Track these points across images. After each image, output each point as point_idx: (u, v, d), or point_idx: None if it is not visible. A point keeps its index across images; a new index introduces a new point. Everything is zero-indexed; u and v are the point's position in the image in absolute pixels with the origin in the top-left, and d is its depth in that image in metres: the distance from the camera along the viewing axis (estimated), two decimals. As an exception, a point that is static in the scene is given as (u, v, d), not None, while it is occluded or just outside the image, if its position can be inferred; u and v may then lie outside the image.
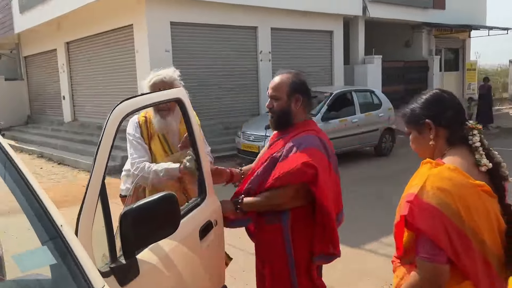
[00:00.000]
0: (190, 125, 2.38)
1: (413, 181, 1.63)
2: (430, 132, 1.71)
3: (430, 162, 1.65)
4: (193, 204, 2.27)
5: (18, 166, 1.40)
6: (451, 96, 1.75)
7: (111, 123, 1.79)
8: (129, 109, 1.92)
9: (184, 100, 2.36)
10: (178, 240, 2.01)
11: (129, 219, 1.63)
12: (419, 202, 1.53)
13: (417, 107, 1.75)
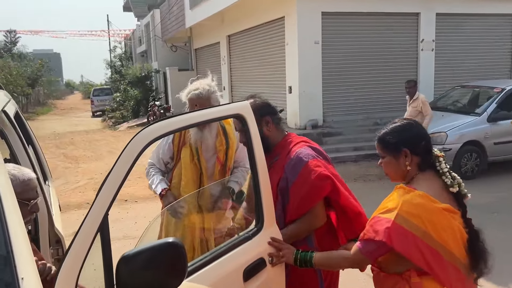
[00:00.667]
0: (251, 143, 2.05)
1: (387, 203, 1.87)
2: (406, 159, 1.92)
3: (403, 188, 1.88)
4: (241, 239, 1.96)
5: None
6: (421, 126, 2.03)
7: (130, 151, 1.54)
8: (159, 133, 1.66)
9: (246, 116, 2.05)
10: (209, 283, 1.73)
11: (127, 266, 1.40)
12: (395, 227, 1.78)
13: (395, 136, 1.95)
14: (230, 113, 2.03)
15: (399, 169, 1.95)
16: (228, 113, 2.02)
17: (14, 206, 1.33)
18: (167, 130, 1.71)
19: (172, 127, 1.73)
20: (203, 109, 1.91)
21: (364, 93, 11.33)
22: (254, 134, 2.07)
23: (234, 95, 15.27)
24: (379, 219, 1.83)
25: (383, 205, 1.87)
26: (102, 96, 28.20)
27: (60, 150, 13.71)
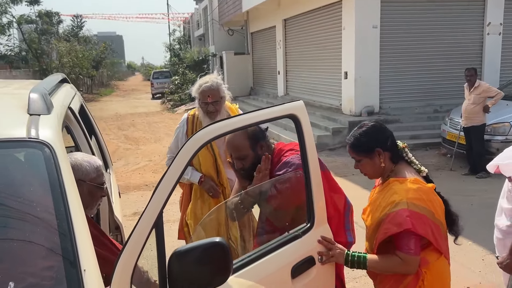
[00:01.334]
0: (303, 143, 2.08)
1: (392, 197, 2.08)
2: (380, 157, 2.16)
3: (397, 180, 2.13)
4: (291, 237, 2.00)
5: (67, 199, 1.41)
6: (384, 125, 2.27)
7: (185, 152, 1.62)
8: (214, 134, 1.72)
9: (299, 116, 2.07)
10: (256, 280, 1.80)
11: (178, 260, 1.49)
12: (412, 214, 2.00)
13: (366, 139, 2.17)
14: (284, 114, 2.04)
15: (376, 167, 2.19)
16: (281, 114, 2.03)
17: (78, 203, 1.46)
18: (222, 132, 1.76)
19: (226, 129, 1.78)
20: (256, 111, 1.95)
21: (424, 79, 10.92)
22: (307, 134, 2.09)
23: (289, 79, 15.23)
24: (395, 213, 2.02)
25: (389, 201, 2.07)
26: (161, 79, 28.99)
27: (121, 132, 14.35)
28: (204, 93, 3.05)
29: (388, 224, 2.03)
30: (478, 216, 5.58)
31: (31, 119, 1.65)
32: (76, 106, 2.56)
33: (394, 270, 2.09)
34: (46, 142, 1.53)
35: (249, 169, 2.30)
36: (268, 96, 16.84)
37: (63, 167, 1.50)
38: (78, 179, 1.99)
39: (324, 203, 2.15)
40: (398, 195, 2.06)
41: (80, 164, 2.05)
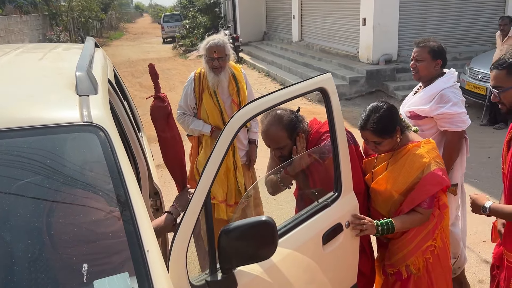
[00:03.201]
0: (332, 114, 2.16)
1: (418, 162, 2.31)
2: (397, 133, 2.37)
3: (415, 145, 2.38)
4: (321, 206, 2.13)
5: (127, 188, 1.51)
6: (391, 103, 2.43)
7: (227, 132, 1.72)
8: (251, 114, 1.81)
9: (328, 89, 2.14)
10: (293, 248, 1.95)
11: (227, 236, 1.63)
12: (441, 170, 2.31)
13: (388, 122, 2.34)
14: (314, 88, 2.11)
15: (393, 144, 2.38)
16: (311, 88, 2.10)
17: (135, 186, 1.57)
18: (259, 110, 1.85)
19: (263, 107, 1.87)
20: (287, 87, 2.01)
21: (444, 26, 10.64)
22: (335, 106, 2.17)
23: (304, 24, 14.90)
24: (431, 175, 2.27)
25: (418, 165, 2.29)
26: (172, 22, 28.43)
27: (136, 79, 14.37)
28: (211, 49, 3.33)
29: (428, 186, 2.27)
30: (494, 169, 5.69)
31: (81, 101, 1.73)
32: (112, 76, 2.63)
33: (415, 225, 2.36)
34: (100, 125, 1.62)
35: (288, 155, 2.40)
36: (282, 41, 16.55)
37: (118, 150, 1.60)
38: None
39: (350, 173, 2.26)
40: (424, 158, 2.30)
41: None
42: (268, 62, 14.44)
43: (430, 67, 2.95)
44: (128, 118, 2.63)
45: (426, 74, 2.98)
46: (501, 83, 2.20)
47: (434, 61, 2.94)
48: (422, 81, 3.05)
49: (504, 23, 7.20)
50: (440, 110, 2.86)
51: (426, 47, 2.95)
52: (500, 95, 2.21)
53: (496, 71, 2.22)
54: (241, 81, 3.54)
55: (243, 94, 3.54)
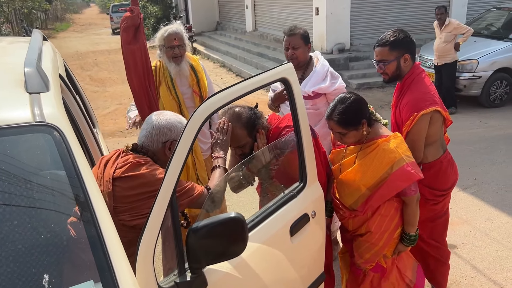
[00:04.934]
0: (295, 104, 2.14)
1: (388, 157, 2.29)
2: (363, 126, 2.34)
3: (385, 140, 2.35)
4: (287, 197, 2.12)
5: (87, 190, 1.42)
6: (358, 95, 2.40)
7: (191, 127, 1.65)
8: (215, 107, 1.75)
9: (289, 79, 2.12)
10: (261, 242, 1.92)
11: (195, 235, 1.57)
12: (412, 164, 2.31)
13: (354, 113, 2.32)
14: (277, 78, 2.08)
15: (359, 136, 2.36)
16: (274, 78, 2.07)
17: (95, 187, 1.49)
18: (223, 103, 1.79)
19: (226, 99, 1.80)
20: (248, 79, 1.96)
21: (394, 14, 10.90)
22: (297, 95, 2.15)
23: (258, 14, 14.84)
24: (400, 170, 2.27)
25: (388, 160, 2.28)
26: (121, 12, 27.57)
27: (85, 72, 13.86)
28: (170, 37, 3.25)
29: (398, 182, 2.29)
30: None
31: (32, 99, 1.62)
32: (63, 71, 2.49)
33: (418, 213, 2.42)
34: (54, 125, 1.52)
35: (250, 152, 2.35)
36: (236, 31, 16.43)
37: (75, 150, 1.51)
38: (173, 140, 2.09)
39: (314, 162, 2.26)
40: (394, 153, 2.29)
41: (175, 125, 2.10)
42: (222, 52, 14.32)
43: (306, 52, 3.21)
44: (82, 114, 2.51)
45: (303, 59, 3.21)
46: (385, 57, 2.59)
47: (306, 46, 3.19)
48: (300, 66, 3.22)
49: (440, 12, 7.45)
50: (335, 85, 3.23)
51: (298, 34, 3.14)
52: (385, 67, 2.59)
53: (380, 48, 2.60)
54: (200, 71, 3.48)
55: (203, 84, 3.48)
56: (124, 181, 1.94)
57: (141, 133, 2.13)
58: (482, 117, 7.43)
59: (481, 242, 3.87)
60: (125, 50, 2.72)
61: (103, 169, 2.02)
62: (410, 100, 2.55)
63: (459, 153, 5.88)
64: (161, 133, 2.08)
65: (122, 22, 2.67)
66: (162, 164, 2.12)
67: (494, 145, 6.13)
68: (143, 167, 1.96)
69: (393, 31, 2.62)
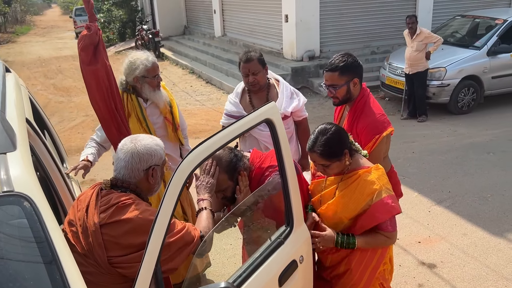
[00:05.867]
0: (279, 146, 2.06)
1: (368, 188, 2.23)
2: (345, 157, 2.27)
3: (366, 171, 2.29)
4: (275, 245, 2.02)
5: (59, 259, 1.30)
6: (339, 126, 2.39)
7: (177, 180, 1.55)
8: (202, 157, 1.65)
9: (273, 120, 2.03)
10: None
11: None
12: (392, 198, 2.25)
13: (336, 145, 2.25)
14: (261, 119, 1.99)
15: (342, 167, 2.30)
16: (259, 120, 1.97)
17: (71, 260, 1.36)
18: (209, 152, 1.70)
19: (213, 148, 1.71)
20: (232, 124, 1.85)
21: (361, 21, 10.98)
22: (281, 136, 2.06)
23: (226, 20, 14.70)
24: (380, 202, 2.21)
25: (368, 192, 2.22)
26: (85, 16, 26.65)
27: (49, 80, 13.39)
28: (155, 66, 3.11)
29: (377, 214, 2.23)
30: (420, 164, 5.96)
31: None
32: (29, 110, 2.32)
33: (379, 246, 2.34)
34: (24, 194, 1.38)
35: (232, 196, 2.25)
36: (205, 36, 16.23)
37: (49, 222, 1.37)
38: (155, 165, 1.96)
39: (300, 205, 2.18)
40: (375, 185, 2.24)
41: (155, 149, 1.97)
42: (191, 58, 14.10)
43: (265, 75, 3.25)
44: (51, 157, 2.33)
45: (264, 83, 3.25)
46: (336, 82, 2.63)
47: (264, 69, 3.20)
48: (262, 89, 3.27)
49: (412, 21, 7.54)
50: (301, 102, 3.34)
51: (255, 59, 3.15)
52: (336, 91, 2.64)
53: (331, 73, 2.64)
54: (172, 98, 3.37)
55: (176, 112, 3.37)
56: (112, 228, 1.80)
57: (118, 164, 1.98)
58: (451, 125, 7.56)
59: (459, 260, 3.90)
60: (85, 71, 2.55)
61: (84, 215, 1.86)
62: (369, 123, 2.64)
63: (433, 164, 5.96)
64: (142, 161, 1.95)
65: (80, 42, 2.49)
66: (146, 194, 2.01)
67: (465, 154, 6.24)
68: (130, 208, 1.83)
69: (341, 56, 2.65)
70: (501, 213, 4.64)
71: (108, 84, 2.62)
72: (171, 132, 3.30)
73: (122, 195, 1.89)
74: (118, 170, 1.97)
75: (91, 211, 1.86)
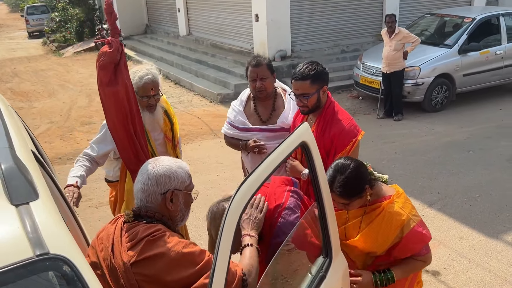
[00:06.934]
0: (315, 169, 1.90)
1: (396, 220, 2.14)
2: (367, 191, 2.15)
3: (389, 202, 2.19)
4: (318, 280, 1.86)
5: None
6: (358, 160, 2.24)
7: (228, 223, 1.38)
8: (248, 196, 1.48)
9: (309, 143, 1.86)
10: None
11: None
12: (422, 224, 2.18)
13: (356, 181, 2.11)
14: (297, 144, 1.82)
15: (363, 201, 2.19)
16: (295, 145, 1.80)
17: None
18: (256, 187, 1.53)
19: (259, 181, 1.54)
20: (271, 154, 1.67)
21: (331, 20, 10.98)
22: (317, 161, 1.91)
23: (191, 18, 14.36)
24: (412, 233, 2.14)
25: (396, 224, 2.14)
26: (38, 14, 25.56)
27: (5, 85, 12.63)
28: (146, 86, 2.86)
29: (410, 245, 2.16)
30: (405, 165, 5.95)
31: (20, 214, 1.23)
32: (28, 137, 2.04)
33: (416, 271, 2.29)
34: (61, 256, 1.15)
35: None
36: (168, 35, 15.81)
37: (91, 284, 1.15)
38: (174, 189, 1.76)
39: (337, 232, 2.04)
40: (401, 216, 2.16)
41: (174, 171, 1.78)
42: (156, 58, 13.68)
43: (273, 82, 3.10)
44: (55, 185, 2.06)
45: (271, 90, 3.09)
46: (307, 91, 2.57)
47: (272, 76, 3.07)
48: (269, 97, 3.12)
49: (391, 21, 7.55)
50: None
51: (265, 65, 3.02)
52: (307, 100, 2.58)
53: (301, 82, 2.57)
54: (173, 114, 3.16)
55: (176, 128, 3.17)
56: (144, 266, 1.61)
57: (136, 186, 1.81)
58: (427, 123, 7.64)
59: (461, 265, 3.88)
60: (103, 92, 2.31)
61: (111, 254, 1.67)
62: (343, 128, 2.62)
63: (417, 164, 5.97)
64: (158, 183, 1.76)
65: (99, 58, 2.25)
66: (173, 224, 1.82)
67: (446, 154, 6.30)
68: (162, 241, 1.64)
69: (310, 64, 2.61)
70: (492, 213, 4.68)
71: (128, 107, 2.38)
72: (170, 149, 3.12)
73: (150, 227, 1.70)
74: (136, 193, 1.80)
75: (118, 249, 1.66)
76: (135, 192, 1.81)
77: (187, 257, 1.61)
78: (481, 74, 8.45)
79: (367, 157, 4.99)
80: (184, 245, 1.66)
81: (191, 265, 1.61)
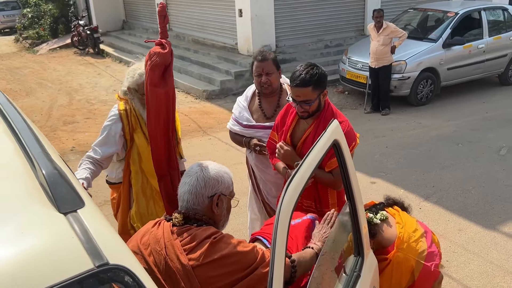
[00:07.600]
0: (346, 168, 1.87)
1: (404, 268, 2.24)
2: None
3: (394, 252, 2.27)
4: (353, 279, 1.84)
5: None
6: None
7: (281, 223, 1.36)
8: (297, 193, 1.46)
9: (340, 141, 1.83)
10: None
11: None
12: (429, 261, 2.27)
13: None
14: (331, 142, 1.79)
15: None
16: (329, 144, 1.77)
17: None
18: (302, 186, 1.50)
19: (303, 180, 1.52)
20: (307, 157, 1.64)
21: (314, 15, 10.96)
22: (348, 159, 1.89)
23: (171, 13, 14.11)
24: (424, 273, 2.24)
25: (402, 273, 2.24)
26: (8, 10, 24.74)
27: (-20, 84, 12.19)
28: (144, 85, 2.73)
29: (424, 284, 2.27)
30: (397, 159, 6.00)
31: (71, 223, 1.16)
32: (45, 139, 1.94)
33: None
34: (121, 266, 1.09)
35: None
36: (147, 31, 15.53)
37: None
38: (221, 193, 1.78)
39: (367, 230, 2.03)
40: (409, 261, 2.25)
41: (222, 176, 1.80)
42: (136, 53, 13.42)
43: (279, 78, 3.05)
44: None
45: (276, 86, 3.03)
46: (309, 97, 2.44)
47: (278, 71, 3.01)
48: (273, 93, 3.07)
49: (379, 15, 7.59)
50: None
51: (270, 59, 2.96)
52: (310, 107, 2.48)
53: (303, 88, 2.42)
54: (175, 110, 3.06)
55: (178, 126, 3.09)
56: (209, 268, 1.64)
57: (182, 188, 1.80)
58: (414, 117, 7.73)
59: (463, 258, 3.93)
60: (150, 92, 2.24)
61: (166, 258, 1.66)
62: (345, 132, 2.56)
63: (409, 158, 6.03)
64: (207, 186, 1.77)
65: (151, 58, 2.18)
66: (217, 226, 1.83)
67: (436, 147, 6.38)
68: (223, 243, 1.68)
69: (309, 68, 2.45)
70: (487, 205, 4.76)
71: (166, 111, 2.29)
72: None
73: (206, 229, 1.72)
74: (182, 195, 1.79)
75: (173, 253, 1.66)
76: (179, 194, 1.80)
77: (249, 255, 1.69)
78: (465, 67, 8.60)
79: (359, 151, 5.03)
80: (243, 244, 1.72)
81: (252, 261, 1.68)
